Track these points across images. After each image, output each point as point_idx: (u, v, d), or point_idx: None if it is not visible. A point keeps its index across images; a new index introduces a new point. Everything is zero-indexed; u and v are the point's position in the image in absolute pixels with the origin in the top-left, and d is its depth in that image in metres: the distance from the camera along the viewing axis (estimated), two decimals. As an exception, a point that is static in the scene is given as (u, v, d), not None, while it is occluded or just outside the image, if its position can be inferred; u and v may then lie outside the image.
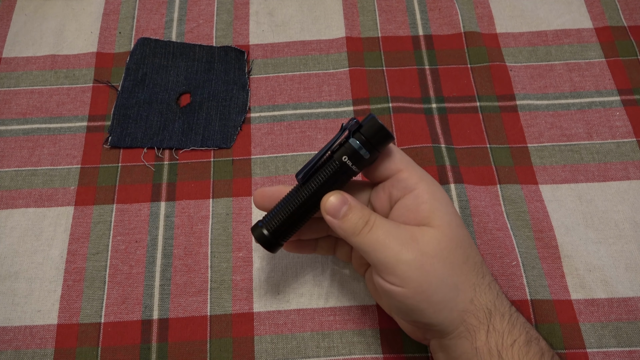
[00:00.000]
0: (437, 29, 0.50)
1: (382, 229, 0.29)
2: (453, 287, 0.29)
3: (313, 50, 0.48)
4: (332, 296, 0.38)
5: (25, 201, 0.42)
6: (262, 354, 0.36)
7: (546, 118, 0.45)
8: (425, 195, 0.30)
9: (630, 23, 0.49)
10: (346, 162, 0.30)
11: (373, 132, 0.30)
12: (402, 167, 0.31)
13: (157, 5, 0.52)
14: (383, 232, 0.29)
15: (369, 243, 0.29)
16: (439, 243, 0.29)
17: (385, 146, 0.30)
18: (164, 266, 0.39)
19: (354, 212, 0.30)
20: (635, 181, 0.42)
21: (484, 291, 0.29)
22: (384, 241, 0.29)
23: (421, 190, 0.30)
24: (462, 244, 0.30)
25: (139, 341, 0.36)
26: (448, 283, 0.28)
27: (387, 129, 0.30)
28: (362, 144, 0.30)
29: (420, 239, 0.29)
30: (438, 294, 0.28)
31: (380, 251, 0.28)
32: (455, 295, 0.29)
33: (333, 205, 0.30)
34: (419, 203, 0.30)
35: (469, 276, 0.29)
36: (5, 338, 0.37)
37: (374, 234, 0.29)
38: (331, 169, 0.30)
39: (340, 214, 0.30)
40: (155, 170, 0.43)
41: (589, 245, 0.39)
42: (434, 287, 0.28)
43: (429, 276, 0.28)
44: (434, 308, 0.28)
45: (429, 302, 0.28)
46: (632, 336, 0.36)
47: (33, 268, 0.39)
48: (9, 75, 0.48)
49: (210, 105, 0.46)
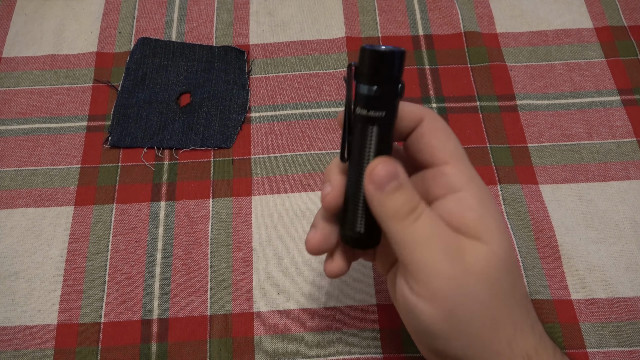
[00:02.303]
0: (437, 28, 0.50)
1: (430, 224, 0.24)
2: (493, 322, 0.23)
3: (313, 50, 0.48)
4: (332, 296, 0.38)
5: (25, 201, 0.42)
6: (262, 354, 0.36)
7: (546, 118, 0.45)
8: (473, 201, 0.24)
9: (630, 23, 0.49)
10: (362, 113, 0.24)
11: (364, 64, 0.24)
12: (450, 160, 0.25)
13: (157, 5, 0.52)
14: (429, 228, 0.24)
15: (408, 236, 0.24)
16: (487, 263, 0.23)
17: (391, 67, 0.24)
18: (164, 266, 0.39)
19: (402, 192, 0.24)
20: (636, 181, 0.42)
21: (525, 333, 0.24)
22: (426, 240, 0.23)
23: (469, 194, 0.25)
24: (513, 269, 0.24)
25: (138, 341, 0.36)
26: (488, 315, 0.23)
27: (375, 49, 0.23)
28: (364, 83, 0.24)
29: (469, 252, 0.23)
30: (472, 326, 0.23)
31: (418, 251, 0.23)
32: (493, 332, 0.23)
33: (381, 175, 0.24)
34: (464, 209, 0.24)
35: (512, 311, 0.24)
36: (5, 338, 0.37)
37: (418, 227, 0.24)
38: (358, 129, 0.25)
39: (387, 188, 0.24)
40: (155, 170, 0.43)
41: (589, 245, 0.39)
42: (469, 316, 0.23)
43: (468, 301, 0.23)
44: (463, 342, 0.23)
45: (458, 333, 0.23)
46: (632, 336, 0.36)
47: (33, 268, 0.39)
48: (9, 75, 0.48)
49: (210, 105, 0.46)
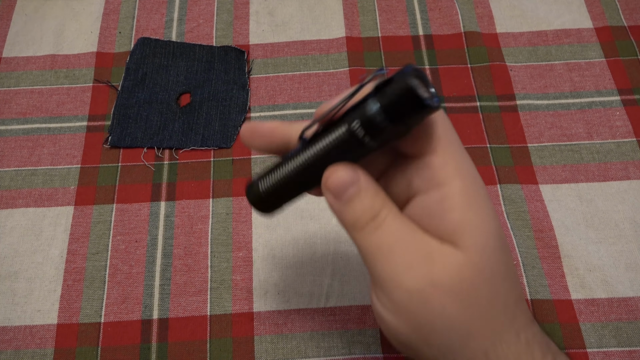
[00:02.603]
0: (437, 28, 0.50)
1: (392, 234, 0.21)
2: (464, 334, 0.21)
3: (313, 50, 0.48)
4: (332, 296, 0.38)
5: (25, 201, 0.42)
6: (262, 354, 0.36)
7: (546, 118, 0.45)
8: (458, 198, 0.21)
9: (630, 23, 0.49)
10: (356, 131, 0.21)
11: (397, 95, 0.20)
12: (437, 148, 0.21)
13: (157, 5, 0.52)
14: (390, 239, 0.21)
15: (369, 247, 0.22)
16: (458, 274, 0.21)
17: (419, 118, 0.21)
18: (164, 266, 0.39)
19: (361, 199, 0.22)
20: (636, 181, 0.42)
21: (507, 342, 0.22)
22: (388, 250, 0.21)
23: (453, 189, 0.21)
24: (493, 278, 0.21)
25: (138, 341, 0.36)
26: (457, 328, 0.21)
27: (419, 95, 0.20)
28: (381, 108, 0.20)
29: (437, 262, 0.21)
30: (441, 337, 0.21)
31: (379, 262, 0.21)
32: (464, 343, 0.21)
33: (337, 181, 0.22)
34: (445, 208, 0.21)
35: (490, 321, 0.21)
36: (5, 338, 0.37)
37: (378, 237, 0.21)
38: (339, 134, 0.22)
39: (345, 195, 0.22)
40: (155, 170, 0.43)
41: (589, 245, 0.39)
42: (436, 329, 0.21)
43: (432, 315, 0.21)
44: (434, 352, 0.22)
45: (426, 344, 0.22)
46: (632, 336, 0.36)
47: (33, 268, 0.39)
48: (9, 75, 0.48)
49: (210, 105, 0.46)
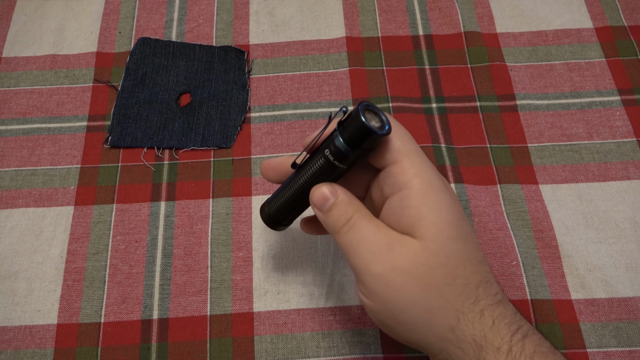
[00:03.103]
0: (437, 28, 0.50)
1: (360, 231, 0.26)
2: (426, 310, 0.25)
3: (313, 50, 0.48)
4: (332, 296, 0.38)
5: (25, 201, 0.42)
6: (262, 354, 0.36)
7: (546, 118, 0.45)
8: (414, 198, 0.26)
9: (630, 23, 0.49)
10: (329, 158, 0.27)
11: (353, 128, 0.26)
12: (397, 159, 0.27)
13: (157, 5, 0.52)
14: (359, 235, 0.26)
15: (345, 244, 0.27)
16: (415, 258, 0.25)
17: (373, 143, 0.26)
18: (164, 266, 0.39)
19: (337, 209, 0.27)
20: (636, 181, 0.42)
21: (471, 320, 0.25)
22: (357, 244, 0.26)
23: (411, 191, 0.26)
24: (449, 262, 0.25)
25: (138, 341, 0.36)
26: (419, 305, 0.25)
27: (368, 126, 0.25)
28: (344, 141, 0.26)
29: (397, 250, 0.25)
30: (406, 314, 0.25)
31: (352, 256, 0.26)
32: (429, 319, 0.25)
33: (319, 197, 0.28)
34: (404, 207, 0.26)
35: (450, 300, 0.25)
36: (5, 338, 0.37)
37: (351, 235, 0.26)
38: (318, 161, 0.28)
39: (325, 207, 0.27)
40: (155, 170, 0.43)
41: (589, 245, 0.39)
42: (401, 307, 0.25)
43: (395, 294, 0.25)
44: (404, 328, 0.26)
45: (396, 321, 0.26)
46: (632, 336, 0.36)
47: (33, 268, 0.39)
48: (9, 75, 0.48)
49: (210, 105, 0.46)
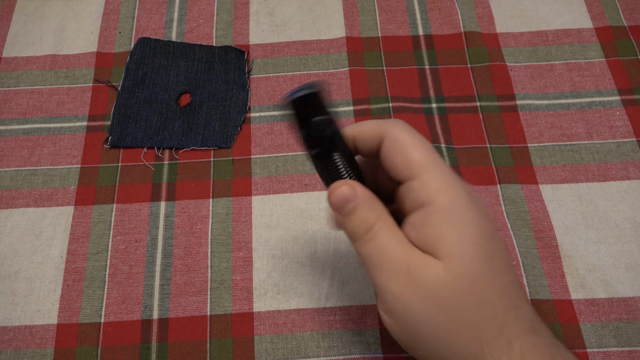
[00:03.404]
0: (437, 28, 0.50)
1: (381, 244, 0.24)
2: (447, 337, 0.23)
3: (313, 50, 0.48)
4: (332, 296, 0.38)
5: (25, 201, 0.42)
6: (262, 354, 0.36)
7: (546, 118, 0.45)
8: (435, 216, 0.23)
9: (630, 23, 0.49)
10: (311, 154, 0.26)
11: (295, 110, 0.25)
12: (415, 174, 0.24)
13: (157, 5, 0.52)
14: (380, 249, 0.24)
15: (364, 255, 0.25)
16: (436, 281, 0.23)
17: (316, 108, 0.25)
18: (164, 266, 0.39)
19: (357, 214, 0.24)
20: (636, 181, 0.42)
21: (497, 350, 0.23)
22: (378, 261, 0.24)
23: (432, 208, 0.24)
24: (473, 285, 0.23)
25: (138, 341, 0.36)
26: (440, 332, 0.23)
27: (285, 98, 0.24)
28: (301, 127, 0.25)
29: (420, 271, 0.23)
30: (426, 339, 0.24)
31: (372, 270, 0.24)
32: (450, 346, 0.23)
33: (339, 197, 0.25)
34: (425, 225, 0.24)
35: (474, 328, 0.23)
36: (5, 338, 0.37)
37: (371, 247, 0.24)
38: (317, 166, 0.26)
39: (345, 209, 0.25)
40: (155, 170, 0.43)
41: (589, 245, 0.39)
42: (421, 331, 0.23)
43: (415, 318, 0.23)
44: (425, 351, 0.24)
45: (417, 343, 0.24)
46: (632, 336, 0.36)
47: (33, 268, 0.39)
48: (9, 75, 0.48)
49: (210, 105, 0.46)
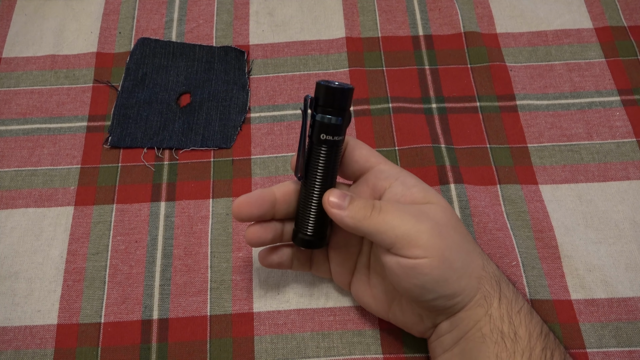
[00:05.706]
0: (437, 29, 0.50)
1: (392, 208, 0.30)
2: (468, 253, 0.30)
3: (313, 50, 0.48)
4: (332, 296, 0.38)
5: (25, 201, 0.42)
6: (262, 354, 0.36)
7: (546, 118, 0.45)
8: (412, 180, 0.32)
9: (630, 23, 0.49)
10: (327, 139, 0.30)
11: (330, 98, 0.30)
12: (380, 160, 0.33)
13: (157, 5, 0.52)
14: (394, 210, 0.30)
15: (383, 222, 0.29)
16: (445, 214, 0.31)
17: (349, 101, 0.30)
18: (164, 266, 0.39)
19: (357, 201, 0.31)
20: (635, 181, 0.42)
21: (488, 260, 0.31)
22: (398, 217, 0.29)
23: (406, 178, 0.32)
24: (459, 220, 0.32)
25: (139, 341, 0.36)
26: (463, 249, 0.30)
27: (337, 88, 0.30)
28: (329, 114, 0.30)
29: (429, 212, 0.30)
30: (458, 259, 0.29)
31: (397, 227, 0.29)
32: (471, 261, 0.30)
33: (335, 199, 0.31)
34: (408, 187, 0.32)
35: (474, 245, 0.31)
36: (5, 338, 0.37)
37: (386, 213, 0.29)
38: (321, 152, 0.31)
39: (345, 203, 0.30)
40: (155, 170, 0.43)
41: (589, 245, 0.39)
42: (454, 253, 0.29)
43: (448, 242, 0.29)
44: (457, 274, 0.29)
45: (452, 270, 0.29)
46: (632, 336, 0.36)
47: (33, 268, 0.39)
48: (9, 75, 0.48)
49: (210, 105, 0.46)
